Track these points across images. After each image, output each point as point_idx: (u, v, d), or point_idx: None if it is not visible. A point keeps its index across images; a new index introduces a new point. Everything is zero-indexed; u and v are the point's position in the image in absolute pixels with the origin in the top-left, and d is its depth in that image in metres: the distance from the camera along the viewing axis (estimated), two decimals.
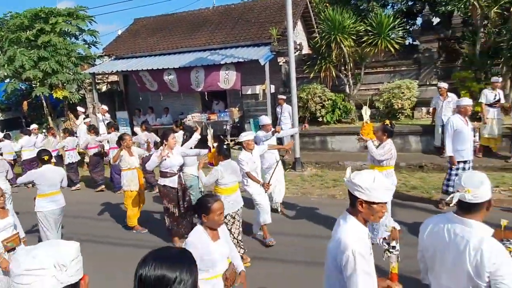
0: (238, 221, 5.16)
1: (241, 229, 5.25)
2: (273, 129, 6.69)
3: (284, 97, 10.74)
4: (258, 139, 6.44)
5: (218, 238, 2.87)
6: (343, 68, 11.11)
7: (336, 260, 2.07)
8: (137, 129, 9.78)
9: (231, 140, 11.62)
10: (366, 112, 6.31)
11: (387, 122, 5.48)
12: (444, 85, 9.03)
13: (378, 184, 2.03)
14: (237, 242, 5.05)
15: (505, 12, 9.61)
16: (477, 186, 2.06)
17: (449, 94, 8.87)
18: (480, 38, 10.04)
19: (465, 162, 6.18)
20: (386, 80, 11.30)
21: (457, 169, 6.18)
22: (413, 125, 10.11)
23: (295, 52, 11.07)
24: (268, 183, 5.63)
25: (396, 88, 10.55)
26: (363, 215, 2.09)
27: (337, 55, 10.77)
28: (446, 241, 2.16)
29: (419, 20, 15.61)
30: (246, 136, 5.55)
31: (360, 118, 11.34)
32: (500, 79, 8.82)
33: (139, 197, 6.71)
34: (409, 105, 10.51)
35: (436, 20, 14.89)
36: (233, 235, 5.01)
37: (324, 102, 11.02)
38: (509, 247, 2.31)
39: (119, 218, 7.39)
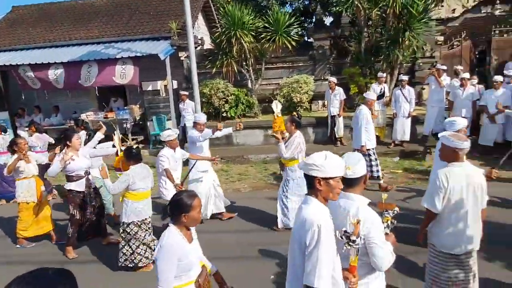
0: (147, 230, 4.84)
1: (149, 239, 4.89)
2: (207, 129, 6.09)
3: (186, 93, 10.51)
4: (195, 139, 5.98)
5: (192, 239, 2.65)
6: (244, 63, 11.28)
7: (301, 241, 2.14)
8: (22, 132, 8.64)
9: (133, 139, 10.99)
10: (277, 106, 6.51)
11: (294, 113, 5.79)
12: (332, 79, 9.78)
13: (330, 160, 2.16)
14: (135, 254, 4.75)
15: (383, 14, 10.74)
16: (355, 163, 2.39)
17: (336, 87, 9.61)
18: (365, 37, 11.06)
19: (373, 148, 6.84)
20: (285, 75, 11.80)
21: (369, 155, 6.73)
22: (310, 117, 10.75)
23: (196, 47, 10.90)
24: (182, 184, 5.22)
25: (294, 83, 11.08)
26: (323, 193, 2.20)
27: (238, 51, 10.88)
28: (333, 214, 2.39)
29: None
30: (169, 136, 5.33)
31: (264, 112, 11.74)
32: (384, 74, 9.86)
33: (38, 208, 5.87)
34: (307, 98, 11.13)
35: (330, 20, 16.07)
36: (131, 247, 4.72)
37: (227, 97, 11.06)
38: (387, 217, 2.60)
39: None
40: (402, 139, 9.31)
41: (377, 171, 6.85)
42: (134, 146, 5.32)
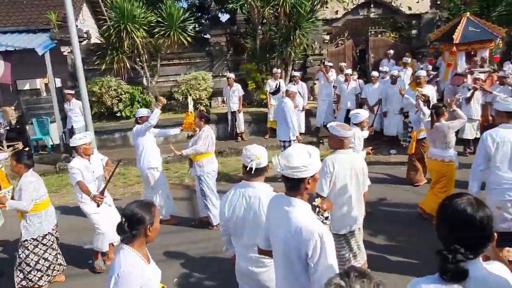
0: (51, 242, 4.37)
1: (52, 253, 4.38)
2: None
3: (72, 91, 9.50)
4: (141, 132, 5.63)
5: (149, 258, 2.26)
6: (138, 59, 10.67)
7: (300, 250, 1.97)
8: None
9: (8, 146, 9.56)
10: (190, 102, 6.24)
11: (202, 108, 5.64)
12: (231, 75, 9.87)
13: (314, 156, 2.02)
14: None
15: (276, 13, 11.17)
16: (262, 154, 2.51)
17: (235, 84, 9.73)
18: (259, 35, 11.37)
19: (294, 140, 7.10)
20: (183, 71, 11.51)
21: (284, 147, 7.02)
22: (211, 114, 10.65)
23: (81, 41, 9.95)
24: (102, 194, 4.38)
25: (193, 80, 10.88)
26: (309, 190, 2.06)
27: (130, 46, 10.23)
28: (244, 205, 2.50)
29: None
30: (81, 139, 4.42)
31: (162, 110, 11.27)
32: (279, 70, 10.26)
33: None
34: (206, 95, 11.03)
35: (226, 17, 16.19)
36: (29, 264, 4.17)
37: (121, 96, 10.35)
38: None
39: None
40: (298, 131, 9.82)
41: None
42: (26, 149, 4.64)
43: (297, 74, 9.94)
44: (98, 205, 4.30)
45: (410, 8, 12.82)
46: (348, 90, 9.52)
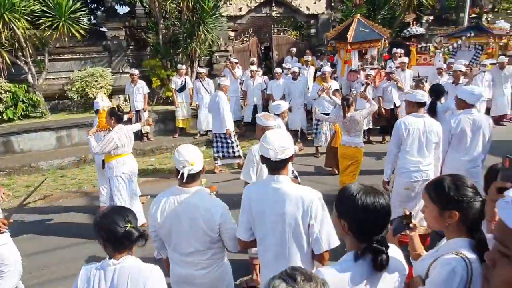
0: None
1: None
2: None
3: None
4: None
5: None
6: (20, 53, 9.35)
7: (302, 220, 2.10)
8: None
9: None
10: (102, 99, 5.73)
11: (115, 106, 5.30)
12: (135, 71, 9.23)
13: (287, 134, 2.27)
14: None
15: (178, 7, 10.79)
16: (196, 158, 2.35)
17: (139, 81, 9.16)
18: (162, 29, 10.87)
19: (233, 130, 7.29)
20: (76, 67, 10.45)
21: (231, 137, 7.23)
22: None
23: None
24: (6, 220, 3.39)
25: (89, 76, 9.95)
26: (290, 164, 2.32)
27: (9, 38, 8.90)
28: (179, 211, 2.36)
29: None
30: None
31: (53, 110, 10.11)
32: (184, 67, 9.91)
33: None
34: (105, 93, 10.15)
35: (126, 9, 15.15)
36: None
37: (0, 96, 8.95)
38: None
39: None
40: (206, 129, 9.65)
41: (238, 150, 7.42)
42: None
43: (203, 70, 9.74)
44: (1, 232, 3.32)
45: (308, 9, 13.55)
46: (254, 86, 9.66)
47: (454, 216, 1.63)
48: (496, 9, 16.65)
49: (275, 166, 2.18)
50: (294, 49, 12.55)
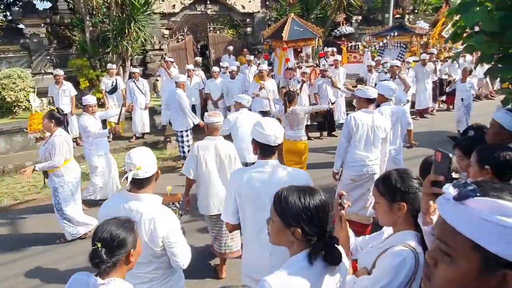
0: None
1: None
2: None
3: None
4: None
5: None
6: None
7: None
8: None
9: None
10: (34, 99, 5.62)
11: (54, 108, 5.17)
12: (59, 72, 8.49)
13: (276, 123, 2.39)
14: None
15: (106, 3, 10.13)
16: (146, 162, 2.19)
17: (64, 82, 8.45)
18: (89, 26, 10.15)
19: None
20: None
21: (187, 136, 7.14)
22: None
23: None
24: None
25: (5, 78, 8.96)
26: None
27: None
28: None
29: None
30: None
31: None
32: (114, 66, 9.31)
33: None
34: (25, 96, 9.22)
35: (48, 5, 13.95)
36: None
37: None
38: (175, 209, 2.56)
39: None
40: (143, 131, 9.21)
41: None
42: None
43: (136, 70, 9.25)
44: None
45: (243, 7, 13.53)
46: (192, 86, 9.38)
47: (402, 208, 1.68)
48: (416, 11, 18.05)
49: (272, 151, 2.33)
50: (231, 48, 12.45)
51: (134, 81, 8.96)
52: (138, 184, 2.20)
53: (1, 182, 7.41)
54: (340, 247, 1.50)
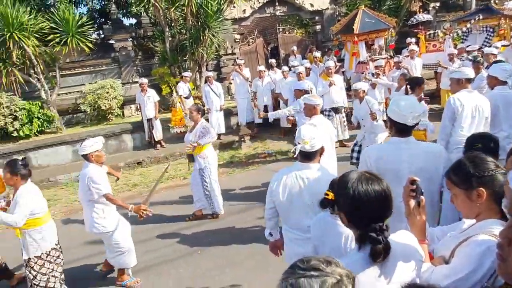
0: (57, 258, 3.88)
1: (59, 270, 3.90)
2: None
3: None
4: None
5: None
6: (32, 71, 9.55)
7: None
8: None
9: None
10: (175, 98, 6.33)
11: (198, 102, 6.23)
12: (144, 80, 9.32)
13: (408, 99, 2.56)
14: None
15: (182, 14, 10.86)
16: (312, 138, 2.46)
17: (148, 89, 9.22)
18: (168, 37, 10.96)
19: None
20: (87, 81, 10.63)
21: None
22: (125, 123, 10.02)
23: None
24: (146, 204, 3.97)
25: (100, 89, 10.10)
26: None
27: (20, 56, 9.11)
28: (300, 185, 2.50)
29: None
30: (92, 145, 3.96)
31: (68, 124, 10.31)
32: (190, 74, 9.97)
33: None
34: (117, 104, 10.31)
35: (133, 21, 15.39)
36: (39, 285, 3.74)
37: (15, 113, 9.14)
38: None
39: None
40: (218, 132, 9.67)
41: None
42: (20, 158, 3.83)
43: (211, 74, 9.78)
44: (142, 217, 3.95)
45: (312, 5, 13.47)
46: (263, 86, 9.63)
47: (481, 194, 1.57)
48: None
49: (408, 130, 2.53)
50: (295, 48, 12.52)
51: (209, 85, 9.47)
52: (306, 157, 2.53)
53: None
54: (394, 240, 1.47)
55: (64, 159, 9.10)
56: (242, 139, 9.33)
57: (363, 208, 1.45)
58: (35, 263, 3.72)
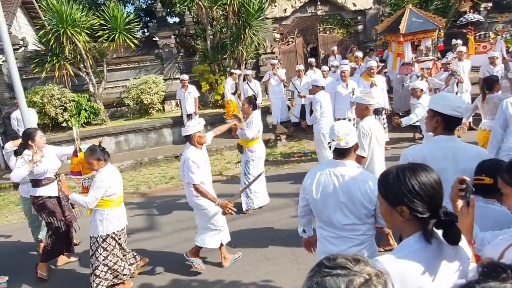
0: (120, 244, 4.03)
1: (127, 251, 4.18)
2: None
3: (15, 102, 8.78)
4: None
5: None
6: (82, 65, 10.07)
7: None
8: None
9: None
10: (229, 91, 6.72)
11: (252, 95, 6.29)
12: (185, 77, 9.55)
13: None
14: (113, 272, 3.96)
15: (224, 13, 11.03)
16: (347, 135, 2.42)
17: (189, 85, 9.45)
18: (209, 35, 11.17)
19: None
20: (132, 76, 11.05)
21: None
22: (165, 118, 10.32)
23: (17, 49, 9.24)
24: (232, 202, 3.99)
25: (143, 84, 10.47)
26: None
27: (72, 51, 9.64)
28: (334, 182, 2.45)
29: None
30: (195, 126, 4.07)
31: (112, 117, 10.77)
32: (238, 71, 10.11)
33: None
34: (158, 99, 10.64)
35: (176, 20, 15.85)
36: (107, 265, 3.89)
37: (65, 105, 9.70)
38: None
39: None
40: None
41: None
42: (98, 143, 4.12)
43: (249, 72, 9.85)
44: (225, 213, 4.05)
45: (355, 5, 13.19)
46: (302, 85, 9.56)
47: None
48: None
49: (457, 124, 2.50)
50: (335, 48, 12.30)
51: (247, 83, 9.55)
52: (341, 154, 2.48)
53: (138, 173, 8.68)
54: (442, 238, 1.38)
55: (108, 150, 9.50)
56: (278, 138, 9.32)
57: (429, 195, 1.39)
58: (100, 242, 3.86)
